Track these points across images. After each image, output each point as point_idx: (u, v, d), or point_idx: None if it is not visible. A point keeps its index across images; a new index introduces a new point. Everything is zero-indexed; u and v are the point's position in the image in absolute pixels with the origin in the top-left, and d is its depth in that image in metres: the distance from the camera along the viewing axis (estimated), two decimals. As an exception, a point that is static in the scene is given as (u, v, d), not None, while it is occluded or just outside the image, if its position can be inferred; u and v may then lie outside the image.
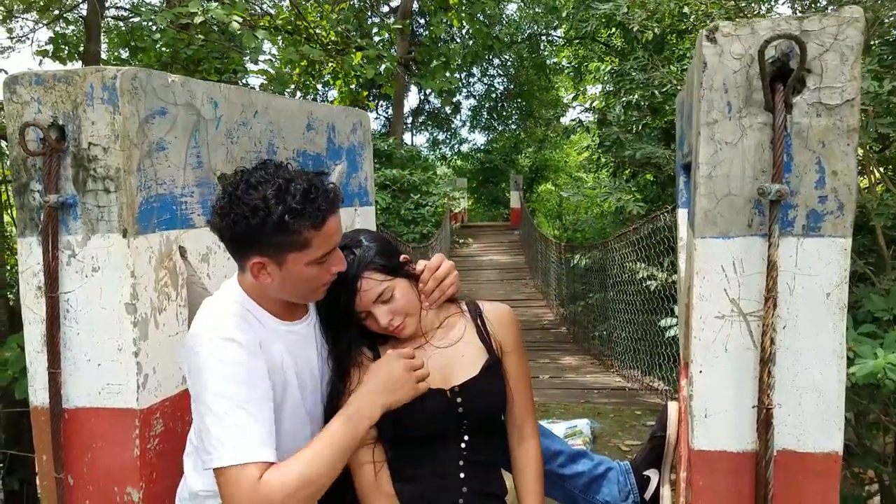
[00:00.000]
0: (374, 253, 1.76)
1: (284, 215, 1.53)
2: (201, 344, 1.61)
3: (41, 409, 1.91)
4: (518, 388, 1.91)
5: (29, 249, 1.89)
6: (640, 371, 6.20)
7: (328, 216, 1.59)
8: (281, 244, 1.58)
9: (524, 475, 1.89)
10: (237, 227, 1.57)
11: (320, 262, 1.64)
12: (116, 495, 1.89)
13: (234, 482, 1.54)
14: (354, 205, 3.29)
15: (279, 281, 1.65)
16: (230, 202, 1.58)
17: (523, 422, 1.92)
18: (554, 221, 22.53)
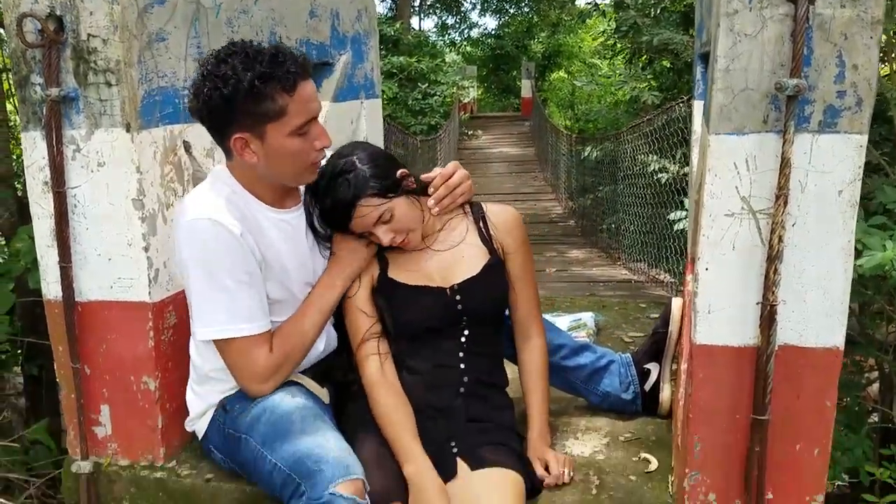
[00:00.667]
0: (368, 176, 1.72)
1: (255, 80, 1.56)
2: (188, 228, 1.66)
3: (54, 301, 1.94)
4: (522, 289, 1.93)
5: (33, 143, 1.87)
6: (647, 264, 6.23)
7: (298, 80, 1.60)
8: (256, 114, 1.60)
9: (529, 375, 1.94)
10: (211, 101, 1.59)
11: (301, 134, 1.64)
12: (133, 384, 1.95)
13: (245, 351, 1.71)
14: (360, 97, 3.23)
15: (264, 158, 1.66)
16: (202, 79, 1.60)
17: (528, 322, 1.95)
18: (566, 111, 22.07)
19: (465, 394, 1.84)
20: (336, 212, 1.75)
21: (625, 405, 2.18)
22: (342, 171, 1.73)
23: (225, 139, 1.66)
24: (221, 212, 1.66)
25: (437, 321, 1.83)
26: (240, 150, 1.65)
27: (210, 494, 1.91)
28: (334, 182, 1.72)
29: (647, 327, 2.92)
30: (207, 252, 1.65)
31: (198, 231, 1.65)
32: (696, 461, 1.58)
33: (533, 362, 1.94)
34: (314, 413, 1.74)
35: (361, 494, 1.55)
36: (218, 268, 1.65)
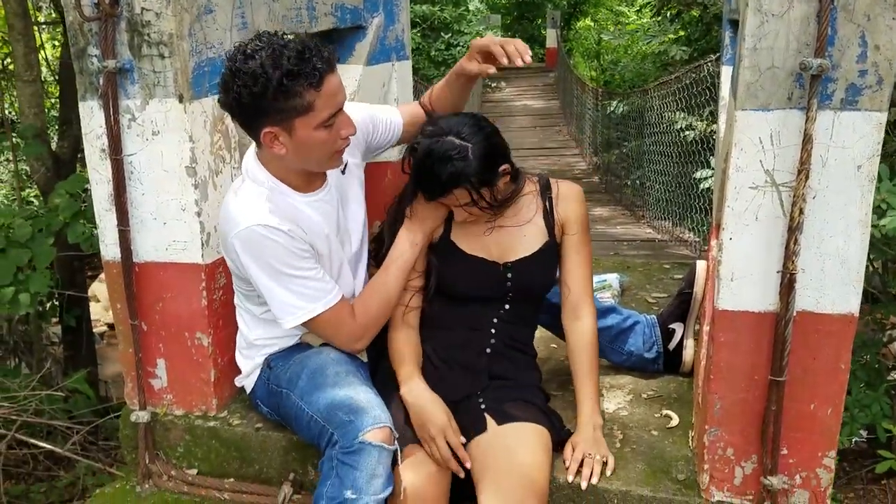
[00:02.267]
0: (475, 170, 1.76)
1: (283, 78, 1.60)
2: (244, 235, 1.75)
3: (113, 262, 2.07)
4: (576, 269, 1.97)
5: (91, 112, 1.98)
6: (671, 222, 6.26)
7: (325, 75, 1.65)
8: (285, 109, 1.65)
9: (579, 355, 1.95)
10: (241, 98, 1.64)
11: (328, 126, 1.71)
12: (188, 340, 2.08)
13: (331, 320, 1.84)
14: (392, 60, 3.28)
15: (293, 149, 1.73)
16: (231, 75, 1.65)
17: (579, 301, 1.97)
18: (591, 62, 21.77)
19: (491, 353, 1.94)
20: (430, 184, 1.80)
21: (646, 364, 2.28)
22: (453, 156, 1.75)
23: (255, 133, 1.73)
24: (268, 214, 1.75)
25: (484, 292, 1.93)
26: (269, 143, 1.72)
27: (259, 442, 2.05)
28: (442, 161, 1.75)
29: (671, 288, 3.01)
30: (266, 255, 1.75)
31: (253, 239, 1.75)
32: (715, 418, 1.69)
33: (583, 343, 1.95)
34: (347, 369, 1.88)
35: (389, 441, 1.69)
36: (280, 265, 1.76)
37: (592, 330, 1.97)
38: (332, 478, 1.65)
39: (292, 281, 1.77)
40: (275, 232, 1.74)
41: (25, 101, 5.33)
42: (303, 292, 1.79)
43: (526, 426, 1.81)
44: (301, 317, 1.81)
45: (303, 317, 1.81)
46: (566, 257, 1.99)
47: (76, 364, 5.71)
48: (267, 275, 1.77)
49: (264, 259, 1.75)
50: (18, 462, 4.50)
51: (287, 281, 1.77)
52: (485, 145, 1.79)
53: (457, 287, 1.94)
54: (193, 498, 2.08)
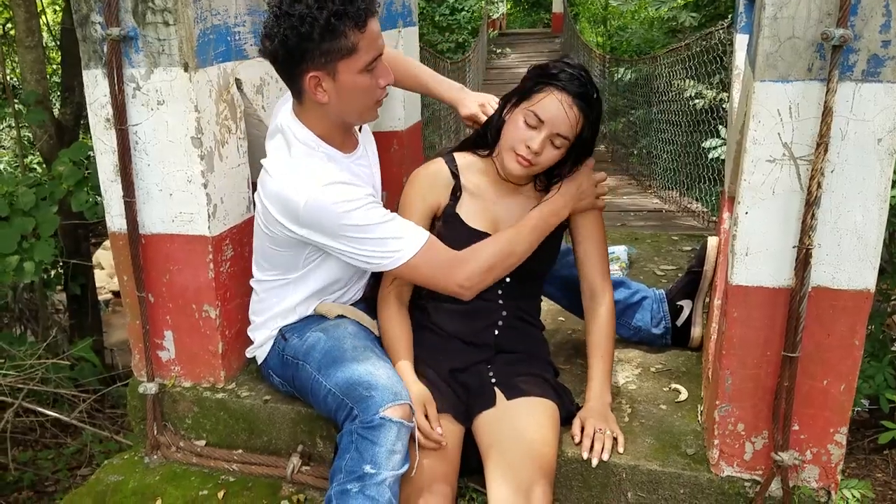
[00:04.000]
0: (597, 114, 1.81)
1: (330, 17, 1.61)
2: (314, 199, 1.71)
3: (119, 234, 2.05)
4: (589, 250, 1.96)
5: (95, 81, 1.95)
6: (679, 192, 6.20)
7: (369, 16, 1.66)
8: (330, 51, 1.65)
9: (595, 337, 1.95)
10: (289, 41, 1.64)
11: (370, 70, 1.71)
12: (195, 312, 2.07)
13: (427, 258, 1.76)
14: (398, 26, 3.23)
15: (335, 96, 1.73)
16: (277, 20, 1.64)
17: (594, 281, 1.97)
18: (598, 28, 21.51)
19: (502, 326, 1.93)
20: (585, 93, 1.77)
21: (654, 339, 2.27)
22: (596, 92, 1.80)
23: (298, 78, 1.72)
24: (327, 173, 1.74)
25: None
26: (313, 89, 1.71)
27: (268, 414, 2.05)
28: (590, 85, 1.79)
29: (679, 260, 2.99)
30: (343, 211, 1.71)
31: (323, 202, 1.71)
32: (726, 394, 1.68)
33: (599, 325, 1.95)
34: (364, 343, 1.86)
35: (409, 418, 1.68)
36: (366, 216, 1.72)
37: (611, 311, 1.97)
38: (352, 451, 1.65)
39: (381, 227, 1.74)
40: (346, 187, 1.73)
41: (27, 68, 5.29)
42: (396, 235, 1.74)
43: (535, 401, 1.81)
44: (399, 259, 1.75)
45: (402, 258, 1.74)
46: (578, 238, 1.97)
47: (82, 332, 5.73)
48: (355, 230, 1.73)
49: (347, 214, 1.71)
50: (25, 429, 4.54)
51: (377, 229, 1.73)
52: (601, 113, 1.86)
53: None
54: (202, 469, 2.09)
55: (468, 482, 1.85)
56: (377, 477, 1.61)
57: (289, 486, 2.00)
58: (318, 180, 1.73)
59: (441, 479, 1.70)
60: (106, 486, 2.07)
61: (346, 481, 1.62)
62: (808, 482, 1.70)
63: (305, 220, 1.74)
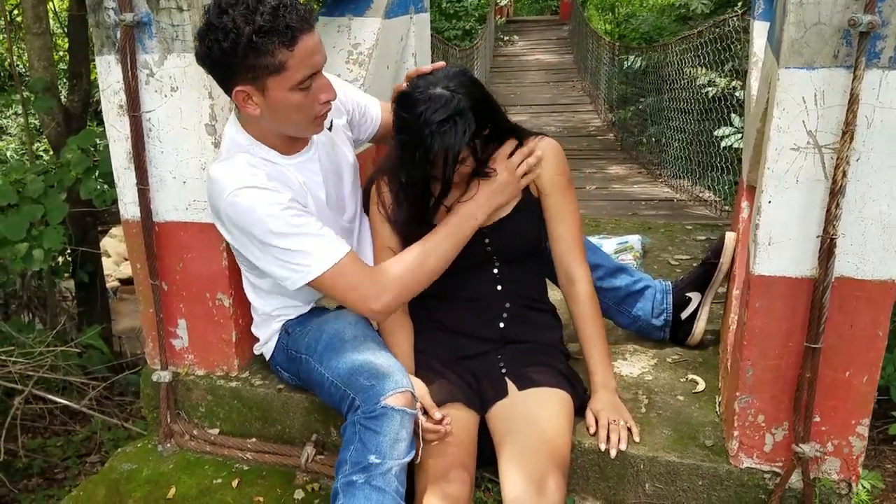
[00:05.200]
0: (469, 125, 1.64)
1: (252, 35, 1.54)
2: (231, 200, 1.67)
3: (132, 221, 2.04)
4: (561, 230, 1.88)
5: (108, 67, 1.93)
6: (690, 181, 6.15)
7: (299, 35, 1.57)
8: (256, 67, 1.58)
9: (580, 322, 1.89)
10: (212, 53, 1.58)
11: (303, 88, 1.63)
12: (209, 300, 2.06)
13: (342, 278, 1.70)
14: (410, 12, 3.20)
15: (267, 111, 1.66)
16: (206, 28, 1.58)
17: (570, 264, 1.89)
18: (605, 15, 21.37)
19: (508, 318, 1.90)
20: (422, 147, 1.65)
21: (652, 331, 2.23)
22: (451, 117, 1.62)
23: (228, 90, 1.66)
24: (249, 175, 1.68)
25: (468, 260, 1.84)
26: (242, 103, 1.66)
27: (282, 403, 2.04)
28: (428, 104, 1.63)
29: (694, 249, 2.97)
30: (262, 215, 1.66)
31: (243, 202, 1.66)
32: (747, 385, 1.66)
33: (582, 309, 1.89)
34: (364, 333, 1.84)
35: (411, 405, 1.66)
36: (277, 223, 1.66)
37: (590, 293, 1.90)
38: (356, 442, 1.63)
39: (293, 239, 1.68)
40: (264, 192, 1.67)
41: (35, 54, 5.26)
42: (305, 249, 1.68)
43: (547, 391, 1.79)
44: (306, 275, 1.69)
45: (308, 274, 1.69)
46: (549, 220, 1.89)
47: (90, 320, 5.74)
48: (265, 236, 1.68)
49: (260, 221, 1.66)
50: (35, 416, 4.54)
51: (287, 239, 1.68)
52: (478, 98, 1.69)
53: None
54: (216, 457, 2.08)
55: (483, 472, 1.84)
56: (382, 466, 1.60)
57: (303, 475, 1.99)
58: (237, 178, 1.68)
59: (458, 465, 1.68)
60: (119, 474, 2.07)
61: (352, 472, 1.61)
62: (829, 474, 1.68)
63: (226, 223, 1.73)
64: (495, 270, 1.88)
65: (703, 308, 2.19)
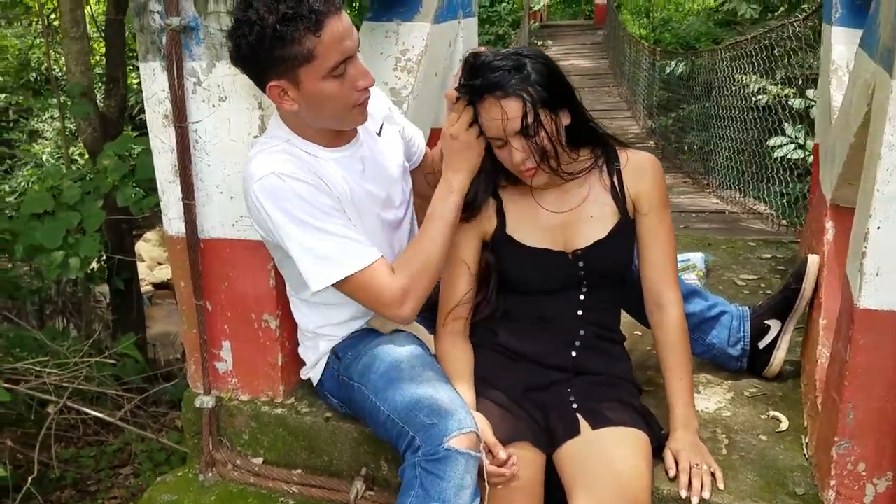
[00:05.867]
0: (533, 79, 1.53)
1: (276, 24, 1.46)
2: (261, 188, 1.58)
3: (177, 238, 1.93)
4: (655, 252, 1.75)
5: (153, 75, 1.82)
6: (741, 192, 5.91)
7: (325, 19, 1.49)
8: (286, 59, 1.50)
9: (666, 351, 1.75)
10: (241, 49, 1.51)
11: (336, 75, 1.54)
12: (254, 321, 1.95)
13: (368, 283, 1.60)
14: (458, 17, 3.08)
15: (304, 104, 1.58)
16: (234, 25, 1.52)
17: (661, 288, 1.75)
18: (640, 19, 21.12)
19: (581, 347, 1.76)
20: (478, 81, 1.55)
21: (728, 361, 2.08)
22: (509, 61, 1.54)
23: (263, 88, 1.58)
24: (282, 164, 1.59)
25: (555, 284, 1.72)
26: (278, 99, 1.58)
27: (330, 433, 1.92)
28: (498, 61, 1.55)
29: (760, 269, 2.80)
30: (289, 206, 1.57)
31: (271, 190, 1.57)
32: (846, 429, 1.50)
33: (669, 337, 1.74)
34: (424, 362, 1.71)
35: (476, 447, 1.53)
36: (305, 216, 1.57)
37: (679, 321, 1.76)
38: (416, 488, 1.50)
39: (320, 236, 1.57)
40: (294, 181, 1.57)
41: (72, 59, 5.24)
42: (332, 249, 1.58)
43: (623, 431, 1.63)
44: (331, 276, 1.58)
45: (333, 276, 1.58)
46: (642, 241, 1.76)
47: (125, 327, 5.69)
48: (292, 229, 1.58)
49: (287, 210, 1.57)
50: (67, 427, 4.49)
51: (314, 236, 1.57)
52: (548, 65, 1.58)
53: (526, 284, 1.74)
54: (259, 489, 1.96)
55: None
56: None
57: (352, 511, 1.87)
58: (267, 166, 1.59)
59: None
60: (159, 504, 1.96)
61: None
62: (939, 530, 1.52)
63: (258, 210, 1.61)
64: (581, 296, 1.74)
65: (783, 337, 2.03)
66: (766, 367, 2.06)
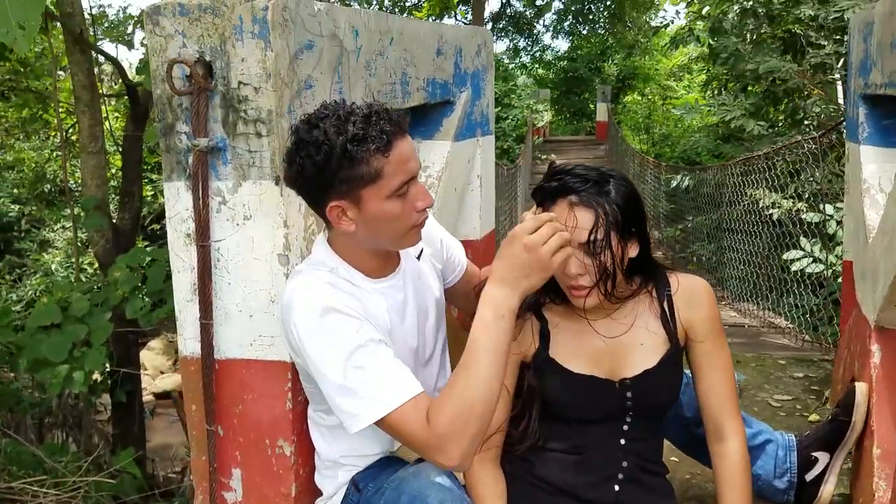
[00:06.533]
0: (612, 199, 1.50)
1: (346, 144, 1.45)
2: (302, 321, 1.52)
3: (191, 359, 1.85)
4: (714, 380, 1.67)
5: (176, 194, 1.79)
6: (757, 306, 5.85)
7: (394, 139, 1.49)
8: (351, 179, 1.48)
9: (726, 485, 1.65)
10: (305, 170, 1.49)
11: (400, 195, 1.52)
12: (268, 448, 1.84)
13: (407, 422, 1.46)
14: (477, 135, 3.12)
15: (362, 225, 1.55)
16: (295, 147, 1.50)
17: (721, 419, 1.67)
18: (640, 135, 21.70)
19: (624, 480, 1.65)
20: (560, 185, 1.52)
21: (775, 494, 1.96)
22: (592, 174, 1.52)
23: (321, 208, 1.56)
24: (330, 296, 1.53)
25: (598, 414, 1.64)
26: (336, 220, 1.55)
27: (348, 572, 1.77)
28: (584, 172, 1.53)
29: (794, 389, 2.70)
30: (331, 340, 1.49)
31: (313, 322, 1.51)
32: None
33: (729, 470, 1.65)
34: (454, 496, 1.58)
35: None
36: (347, 351, 1.48)
37: (742, 453, 1.66)
38: None
39: (365, 372, 1.47)
40: (343, 317, 1.50)
41: (88, 173, 5.31)
42: (375, 385, 1.46)
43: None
44: (370, 415, 1.45)
45: (376, 413, 1.45)
46: (699, 369, 1.68)
47: (125, 441, 5.52)
48: (337, 364, 1.48)
49: (335, 347, 1.48)
50: (58, 545, 4.26)
51: (359, 373, 1.47)
52: (630, 191, 1.55)
53: (567, 412, 1.65)
54: None
55: None
56: None
57: None
58: (311, 296, 1.53)
59: None
60: None
61: None
62: None
63: (297, 344, 1.54)
64: (625, 426, 1.65)
65: (832, 470, 1.92)
66: (813, 501, 1.93)
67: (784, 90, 7.27)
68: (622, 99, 25.84)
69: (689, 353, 1.68)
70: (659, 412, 1.70)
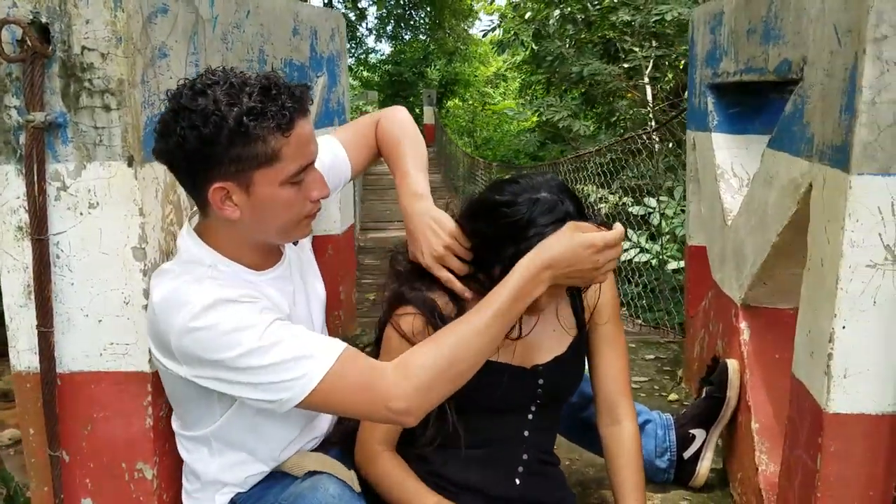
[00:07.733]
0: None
1: (241, 117, 1.25)
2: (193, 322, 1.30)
3: (27, 374, 1.57)
4: (612, 363, 1.64)
5: (5, 180, 1.50)
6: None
7: (296, 117, 1.30)
8: (242, 158, 1.28)
9: (621, 468, 1.61)
10: (187, 143, 1.26)
11: (295, 182, 1.34)
12: (125, 472, 1.60)
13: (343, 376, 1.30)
14: (335, 124, 2.96)
15: (249, 212, 1.34)
16: (174, 115, 1.27)
17: (617, 401, 1.64)
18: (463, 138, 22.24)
19: (525, 473, 1.58)
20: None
21: (656, 473, 1.97)
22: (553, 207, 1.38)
23: (201, 190, 1.33)
24: (218, 289, 1.33)
25: (510, 403, 1.56)
26: (219, 204, 1.33)
27: None
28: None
29: (648, 370, 2.78)
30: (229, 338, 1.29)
31: (204, 328, 1.30)
32: (823, 543, 1.40)
33: (625, 453, 1.62)
34: None
35: None
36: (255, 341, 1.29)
37: (636, 434, 1.64)
38: None
39: (280, 348, 1.29)
40: (234, 304, 1.31)
41: None
42: (298, 355, 1.30)
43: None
44: (306, 384, 1.28)
45: (309, 383, 1.28)
46: (598, 351, 1.65)
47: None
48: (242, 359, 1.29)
49: (234, 342, 1.28)
50: None
51: (273, 351, 1.29)
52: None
53: (478, 402, 1.54)
54: None
55: None
56: None
57: None
58: (197, 296, 1.31)
59: None
60: None
61: None
62: None
63: (180, 354, 1.33)
64: (530, 416, 1.57)
65: (707, 446, 1.96)
66: (691, 478, 1.97)
67: (602, 93, 7.66)
68: (445, 104, 26.38)
69: (590, 336, 1.65)
70: (564, 400, 1.65)
